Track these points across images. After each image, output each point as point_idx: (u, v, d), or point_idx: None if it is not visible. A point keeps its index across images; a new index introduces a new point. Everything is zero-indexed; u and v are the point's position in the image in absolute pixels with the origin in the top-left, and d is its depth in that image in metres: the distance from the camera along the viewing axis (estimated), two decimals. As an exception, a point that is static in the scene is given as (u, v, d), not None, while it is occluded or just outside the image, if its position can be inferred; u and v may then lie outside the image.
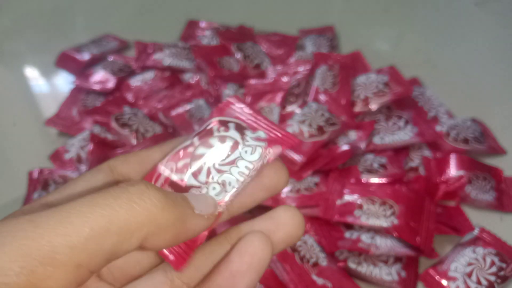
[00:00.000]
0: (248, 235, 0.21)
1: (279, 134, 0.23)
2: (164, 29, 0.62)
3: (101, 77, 0.52)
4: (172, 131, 0.47)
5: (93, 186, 0.21)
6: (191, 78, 0.51)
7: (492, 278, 0.34)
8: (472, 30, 0.62)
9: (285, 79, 0.48)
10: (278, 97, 0.47)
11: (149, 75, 0.52)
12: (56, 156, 0.45)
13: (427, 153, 0.43)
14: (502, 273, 0.34)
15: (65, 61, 0.55)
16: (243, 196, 0.22)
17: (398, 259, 0.37)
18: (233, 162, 0.22)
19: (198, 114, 0.46)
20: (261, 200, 0.23)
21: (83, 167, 0.44)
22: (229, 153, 0.22)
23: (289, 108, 0.47)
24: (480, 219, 0.40)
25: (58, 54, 0.56)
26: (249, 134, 0.22)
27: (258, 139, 0.22)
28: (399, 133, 0.44)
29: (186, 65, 0.52)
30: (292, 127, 0.43)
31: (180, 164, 0.22)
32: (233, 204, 0.22)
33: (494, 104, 0.51)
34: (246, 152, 0.22)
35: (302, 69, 0.49)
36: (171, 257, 0.20)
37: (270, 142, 0.22)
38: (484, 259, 0.35)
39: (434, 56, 0.58)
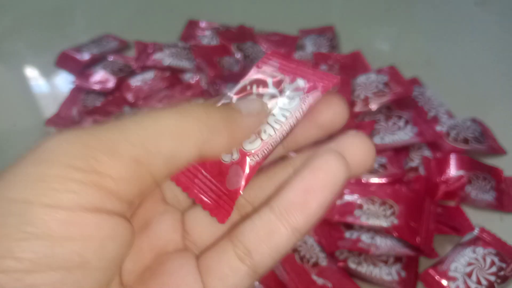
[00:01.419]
0: (321, 152, 0.19)
1: (318, 78, 0.22)
2: (164, 29, 0.62)
3: (101, 77, 0.52)
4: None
5: None
6: (191, 78, 0.51)
7: (492, 278, 0.34)
8: (472, 30, 0.62)
9: (285, 79, 0.48)
10: (278, 97, 0.47)
11: (149, 75, 0.52)
12: (56, 156, 0.45)
13: (427, 153, 0.43)
14: (502, 273, 0.34)
15: (65, 61, 0.55)
16: (296, 135, 0.21)
17: (398, 259, 0.37)
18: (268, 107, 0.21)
19: (198, 114, 0.46)
20: (314, 138, 0.22)
21: (83, 167, 0.44)
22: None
23: (289, 108, 0.47)
24: (480, 219, 0.40)
25: (58, 54, 0.56)
26: (287, 86, 0.22)
27: (297, 89, 0.22)
28: (399, 133, 0.44)
29: (186, 65, 0.52)
30: (292, 127, 0.43)
31: None
32: (286, 142, 0.21)
33: (494, 104, 0.51)
34: (283, 102, 0.21)
35: (302, 69, 0.49)
36: (215, 211, 0.20)
37: (309, 88, 0.22)
38: (484, 259, 0.35)
39: (434, 56, 0.58)
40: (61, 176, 0.14)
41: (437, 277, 0.35)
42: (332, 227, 0.39)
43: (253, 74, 0.23)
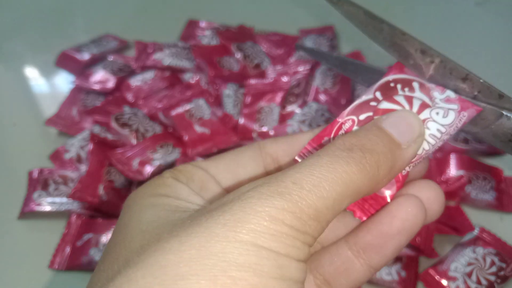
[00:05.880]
0: (400, 198, 0.20)
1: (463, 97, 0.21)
2: (164, 29, 0.62)
3: (101, 77, 0.52)
4: (172, 131, 0.47)
5: (240, 159, 0.23)
6: (191, 78, 0.51)
7: (492, 278, 0.34)
8: (472, 30, 0.62)
9: (285, 79, 0.48)
10: (278, 97, 0.47)
11: (149, 75, 0.52)
12: (56, 156, 0.45)
13: (427, 153, 0.43)
14: (502, 273, 0.34)
15: (65, 61, 0.55)
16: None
17: (398, 259, 0.37)
18: (423, 123, 0.20)
19: (198, 114, 0.46)
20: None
21: (83, 167, 0.44)
22: (417, 113, 0.20)
23: (289, 108, 0.47)
24: (480, 219, 0.40)
25: (58, 54, 0.56)
26: (437, 95, 0.21)
27: (448, 100, 0.21)
28: (399, 133, 0.44)
29: (186, 65, 0.52)
30: (292, 127, 0.43)
31: (362, 117, 0.21)
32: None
33: (494, 104, 0.51)
34: (437, 114, 0.20)
35: (302, 69, 0.49)
36: (358, 213, 0.20)
37: (463, 104, 0.20)
38: (484, 259, 0.35)
39: (434, 56, 0.58)
40: (283, 232, 0.16)
41: (437, 277, 0.35)
42: (332, 227, 0.39)
43: (396, 71, 0.22)
